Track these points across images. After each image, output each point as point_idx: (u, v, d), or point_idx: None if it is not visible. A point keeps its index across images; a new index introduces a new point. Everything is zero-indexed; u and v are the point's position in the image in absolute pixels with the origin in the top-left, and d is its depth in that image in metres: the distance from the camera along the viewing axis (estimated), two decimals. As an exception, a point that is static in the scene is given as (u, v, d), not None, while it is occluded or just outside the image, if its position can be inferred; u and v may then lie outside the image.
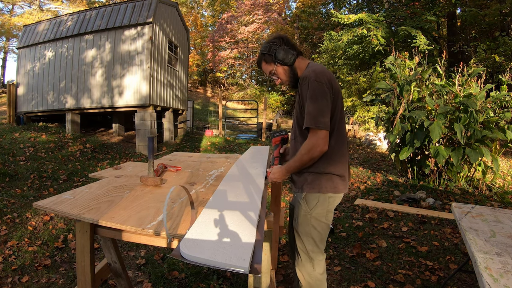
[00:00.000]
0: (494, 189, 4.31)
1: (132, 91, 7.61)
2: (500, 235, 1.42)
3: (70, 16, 8.66)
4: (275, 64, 1.47)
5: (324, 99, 1.31)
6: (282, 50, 1.43)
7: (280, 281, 2.23)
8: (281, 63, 1.46)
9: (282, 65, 1.47)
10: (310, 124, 1.30)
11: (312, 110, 1.30)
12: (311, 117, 1.30)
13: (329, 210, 1.47)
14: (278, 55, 1.44)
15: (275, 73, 1.50)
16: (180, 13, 10.06)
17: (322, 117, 1.30)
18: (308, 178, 1.43)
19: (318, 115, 1.30)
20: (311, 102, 1.31)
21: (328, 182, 1.41)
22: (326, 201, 1.43)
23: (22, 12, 20.53)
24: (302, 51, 1.58)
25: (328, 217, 1.47)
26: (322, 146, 1.31)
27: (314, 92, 1.31)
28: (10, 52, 22.94)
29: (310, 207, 1.44)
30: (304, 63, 1.49)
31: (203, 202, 1.30)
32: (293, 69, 1.48)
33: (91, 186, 1.48)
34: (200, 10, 28.35)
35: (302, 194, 1.45)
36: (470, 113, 4.08)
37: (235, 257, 0.84)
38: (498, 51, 10.06)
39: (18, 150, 5.98)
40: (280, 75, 1.50)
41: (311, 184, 1.42)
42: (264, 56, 1.50)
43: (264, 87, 22.56)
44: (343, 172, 1.45)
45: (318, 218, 1.45)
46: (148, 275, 2.30)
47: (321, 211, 1.44)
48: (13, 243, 2.73)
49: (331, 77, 1.39)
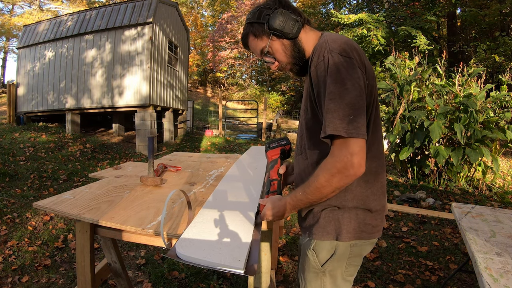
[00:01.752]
0: (494, 189, 4.31)
1: (132, 91, 7.61)
2: (500, 235, 1.42)
3: (70, 16, 8.66)
4: (268, 37, 0.93)
5: (356, 85, 0.79)
6: (280, 14, 0.90)
7: (280, 281, 2.23)
8: (278, 35, 0.92)
9: (280, 38, 0.93)
10: (335, 129, 0.77)
11: (338, 105, 0.78)
12: (337, 117, 0.78)
13: (354, 263, 0.95)
14: (273, 22, 0.90)
15: (269, 52, 0.96)
16: (180, 13, 10.06)
17: (355, 118, 0.78)
18: (321, 215, 0.92)
19: (349, 113, 0.77)
20: (336, 90, 0.79)
21: (352, 223, 0.90)
22: (347, 251, 0.92)
23: (22, 12, 20.56)
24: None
25: (350, 272, 0.96)
26: (357, 166, 0.77)
27: (339, 73, 0.79)
28: (10, 52, 22.98)
29: (321, 262, 0.94)
30: (314, 35, 0.96)
31: (202, 202, 1.30)
32: (298, 43, 0.94)
33: (91, 186, 1.48)
34: (200, 10, 28.36)
35: (311, 242, 0.95)
36: (470, 113, 4.08)
37: (230, 258, 0.83)
38: (498, 51, 10.06)
39: (18, 150, 5.98)
40: (278, 54, 0.96)
41: (325, 227, 0.92)
42: (251, 27, 0.95)
43: (264, 87, 22.55)
44: (379, 203, 0.93)
45: (335, 277, 0.95)
46: (148, 275, 2.30)
47: (339, 266, 0.94)
48: (13, 243, 2.73)
49: (362, 52, 0.89)
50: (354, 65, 0.81)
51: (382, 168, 0.95)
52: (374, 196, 0.92)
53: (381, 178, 0.94)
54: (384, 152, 0.98)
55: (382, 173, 0.95)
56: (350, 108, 0.77)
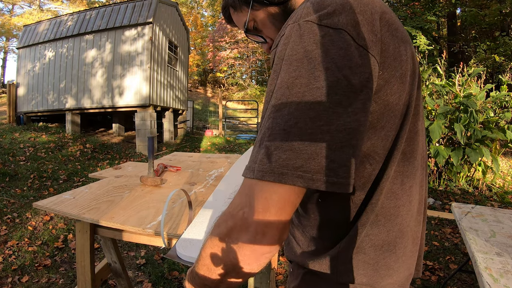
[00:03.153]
0: (494, 189, 4.31)
1: (133, 92, 7.62)
2: (500, 235, 1.42)
3: (70, 16, 8.66)
4: (249, 7, 0.64)
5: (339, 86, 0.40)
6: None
7: (280, 281, 2.23)
8: (261, 1, 0.62)
9: (264, 6, 0.63)
10: (252, 170, 0.41)
11: (282, 117, 0.40)
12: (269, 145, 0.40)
13: None
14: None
15: (255, 27, 0.67)
16: (180, 13, 10.07)
17: (303, 149, 0.38)
18: (301, 278, 0.60)
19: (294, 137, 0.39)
20: (282, 100, 0.41)
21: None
22: None
23: (22, 12, 20.58)
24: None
25: None
26: (266, 246, 0.41)
27: (293, 63, 0.42)
28: (10, 52, 22.98)
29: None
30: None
31: (202, 202, 1.30)
32: (291, 10, 0.61)
33: (91, 186, 1.48)
34: (200, 10, 28.36)
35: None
36: (470, 113, 4.08)
37: None
38: (498, 51, 10.07)
39: (18, 150, 5.98)
40: (266, 29, 0.66)
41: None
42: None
43: (264, 87, 22.55)
44: (404, 274, 0.56)
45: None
46: (148, 275, 2.30)
47: None
48: (13, 243, 2.73)
49: (389, 18, 0.48)
50: (345, 45, 0.41)
51: (417, 215, 0.58)
52: (400, 261, 0.54)
53: (412, 233, 0.56)
54: (421, 203, 0.61)
55: (416, 222, 0.58)
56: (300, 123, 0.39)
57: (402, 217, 0.53)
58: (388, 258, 0.52)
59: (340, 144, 0.39)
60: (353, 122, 0.40)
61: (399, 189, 0.52)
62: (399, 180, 0.52)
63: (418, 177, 0.56)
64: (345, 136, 0.39)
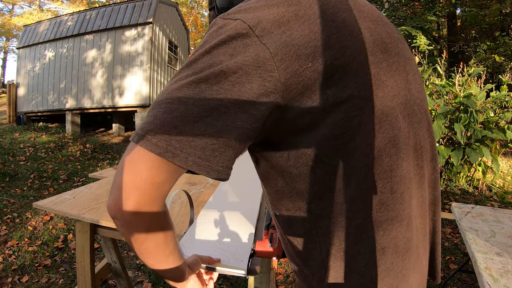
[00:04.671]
0: (494, 189, 4.31)
1: (133, 92, 7.63)
2: (500, 235, 1.42)
3: (70, 16, 8.67)
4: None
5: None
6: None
7: (280, 281, 2.23)
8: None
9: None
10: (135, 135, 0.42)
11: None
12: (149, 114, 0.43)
13: None
14: (219, 1, 0.65)
15: None
16: (180, 13, 10.08)
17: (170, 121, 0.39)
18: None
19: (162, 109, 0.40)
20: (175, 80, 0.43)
21: None
22: None
23: (22, 12, 20.58)
24: None
25: None
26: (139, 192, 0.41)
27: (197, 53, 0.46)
28: (10, 52, 23.02)
29: None
30: None
31: (203, 202, 1.30)
32: None
33: (91, 186, 1.48)
34: (200, 10, 28.38)
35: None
36: (470, 113, 4.08)
37: (233, 258, 0.83)
38: (498, 51, 10.06)
39: (18, 150, 5.98)
40: None
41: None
42: (209, 18, 0.72)
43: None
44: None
45: None
46: (148, 275, 2.30)
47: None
48: (13, 243, 2.73)
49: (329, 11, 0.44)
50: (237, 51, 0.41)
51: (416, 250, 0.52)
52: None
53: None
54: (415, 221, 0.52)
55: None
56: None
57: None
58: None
59: (192, 118, 0.38)
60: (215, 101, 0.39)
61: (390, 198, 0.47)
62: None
63: (413, 178, 0.51)
64: (200, 112, 0.38)
